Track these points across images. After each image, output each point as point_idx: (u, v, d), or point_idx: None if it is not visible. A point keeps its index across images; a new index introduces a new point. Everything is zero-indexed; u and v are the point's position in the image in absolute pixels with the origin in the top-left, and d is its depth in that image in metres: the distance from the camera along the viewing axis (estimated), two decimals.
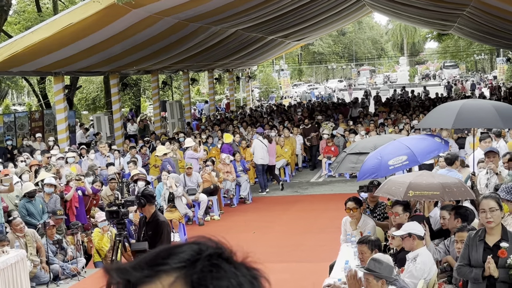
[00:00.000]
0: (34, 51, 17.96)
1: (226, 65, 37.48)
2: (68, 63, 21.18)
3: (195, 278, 1.20)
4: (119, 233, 8.66)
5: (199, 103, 52.39)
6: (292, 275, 11.12)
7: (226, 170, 18.96)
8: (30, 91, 49.27)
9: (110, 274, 1.23)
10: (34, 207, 13.25)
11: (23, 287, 10.63)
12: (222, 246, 1.27)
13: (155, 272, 1.21)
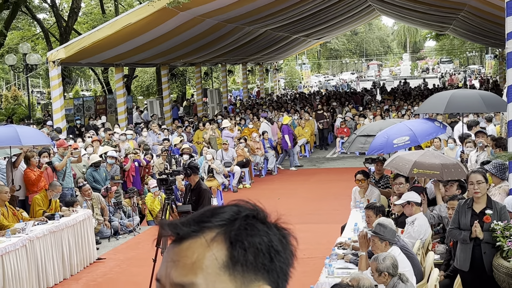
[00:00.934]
0: (99, 46, 18.07)
1: (257, 59, 37.36)
2: (127, 56, 21.28)
3: (232, 234, 1.20)
4: (168, 197, 8.72)
5: (234, 91, 52.35)
6: (311, 234, 11.15)
7: (256, 147, 19.00)
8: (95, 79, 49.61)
9: (164, 228, 1.24)
10: (99, 175, 13.39)
11: (89, 240, 10.76)
12: (257, 209, 1.27)
13: (200, 228, 1.21)
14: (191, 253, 1.19)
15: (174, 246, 1.22)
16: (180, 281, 1.17)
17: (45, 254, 9.39)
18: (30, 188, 11.54)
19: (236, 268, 1.19)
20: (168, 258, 1.22)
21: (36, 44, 38.48)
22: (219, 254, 1.19)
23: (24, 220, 9.74)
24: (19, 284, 8.61)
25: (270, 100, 35.65)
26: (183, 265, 1.19)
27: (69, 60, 18.63)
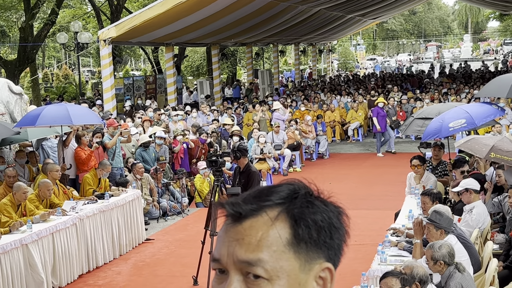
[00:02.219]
0: (149, 25, 18.27)
1: (310, 40, 37.09)
2: (177, 35, 21.45)
3: (296, 212, 1.23)
4: (217, 179, 8.81)
5: (286, 72, 52.20)
6: (363, 220, 11.09)
7: (308, 130, 18.97)
8: (145, 58, 50.23)
9: (225, 207, 1.26)
10: (148, 155, 13.61)
11: (138, 221, 10.98)
12: (312, 187, 1.30)
13: (260, 206, 1.24)
14: (255, 231, 1.22)
15: (234, 225, 1.24)
16: (247, 258, 1.21)
17: (94, 233, 9.65)
18: (81, 167, 11.83)
19: (300, 245, 1.22)
20: (229, 238, 1.24)
21: (87, 22, 39.19)
22: (283, 232, 1.22)
23: (75, 199, 10.01)
24: (69, 262, 8.88)
25: (322, 82, 35.42)
26: (248, 242, 1.21)
27: (119, 39, 18.90)
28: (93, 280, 9.13)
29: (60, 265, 8.69)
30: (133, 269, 9.68)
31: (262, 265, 1.20)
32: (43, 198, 9.41)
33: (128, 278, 9.24)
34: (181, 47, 31.66)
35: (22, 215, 8.84)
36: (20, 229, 8.26)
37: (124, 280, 9.16)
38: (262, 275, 1.20)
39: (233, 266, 1.22)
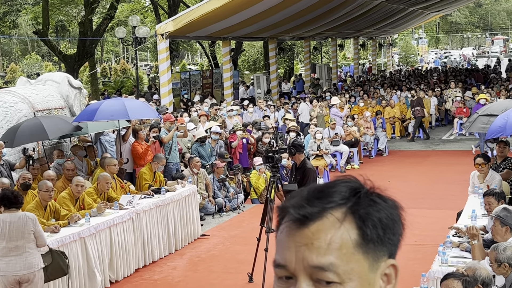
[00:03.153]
0: (207, 19, 18.44)
1: (370, 33, 36.69)
2: (234, 29, 21.58)
3: (362, 212, 1.23)
4: (273, 175, 8.83)
5: (345, 66, 51.80)
6: (423, 219, 10.91)
7: (366, 126, 18.80)
8: (202, 53, 50.70)
9: (290, 211, 1.24)
10: (204, 151, 13.75)
11: (194, 215, 11.12)
12: (368, 184, 1.30)
13: (324, 208, 1.22)
14: (323, 234, 1.21)
15: (299, 229, 1.22)
16: (319, 263, 1.19)
17: (151, 227, 9.82)
18: (138, 161, 12.06)
19: (369, 245, 1.22)
20: (296, 242, 1.22)
21: (145, 17, 39.84)
22: (351, 233, 1.21)
23: (132, 193, 10.21)
24: (125, 256, 9.08)
25: (382, 76, 35.00)
26: (318, 247, 1.20)
27: (177, 33, 19.15)
28: (149, 275, 9.31)
29: (117, 258, 8.90)
30: (188, 265, 9.81)
31: (334, 269, 1.19)
32: (101, 191, 9.64)
33: (183, 274, 9.37)
34: (238, 41, 31.81)
35: (80, 209, 9.08)
36: (78, 223, 8.49)
37: (180, 275, 9.30)
38: (334, 280, 1.19)
39: (303, 272, 1.21)
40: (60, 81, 12.46)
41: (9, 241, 6.75)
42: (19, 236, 6.79)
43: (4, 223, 6.76)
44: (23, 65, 44.45)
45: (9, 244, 6.75)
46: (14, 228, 6.76)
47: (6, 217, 6.82)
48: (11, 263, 6.77)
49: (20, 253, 6.82)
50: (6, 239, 6.73)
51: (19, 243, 6.80)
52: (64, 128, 10.92)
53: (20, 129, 10.18)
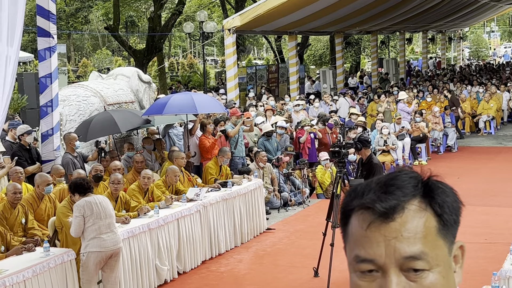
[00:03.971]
0: (273, 14, 18.46)
1: (440, 27, 35.89)
2: (301, 24, 21.53)
3: (438, 199, 1.28)
4: (340, 170, 8.79)
5: (413, 61, 50.89)
6: (494, 217, 10.64)
7: (434, 121, 18.45)
8: (268, 47, 50.78)
9: (375, 206, 1.27)
10: (270, 145, 13.80)
11: (259, 209, 11.19)
12: (425, 172, 1.33)
13: (402, 200, 1.26)
14: (409, 225, 1.25)
15: (384, 223, 1.26)
16: (411, 253, 1.24)
17: (217, 220, 9.96)
18: (205, 155, 12.23)
19: (447, 230, 1.28)
20: (383, 236, 1.25)
21: (212, 12, 40.23)
22: (432, 221, 1.27)
23: (199, 186, 10.37)
24: (193, 248, 9.24)
25: (452, 71, 34.21)
26: (407, 237, 1.24)
27: (244, 28, 19.26)
28: (216, 267, 9.44)
29: (185, 250, 9.06)
30: (254, 258, 9.89)
31: (425, 257, 1.24)
32: (170, 184, 9.83)
33: (249, 267, 9.46)
34: (304, 36, 31.71)
35: (149, 201, 9.30)
36: (148, 214, 8.69)
37: (246, 268, 9.39)
38: (424, 267, 1.24)
39: (394, 264, 1.24)
40: (130, 76, 12.76)
41: (104, 219, 7.22)
42: (108, 214, 7.27)
43: (95, 204, 7.20)
44: (94, 60, 45.66)
45: (104, 222, 7.21)
46: (103, 207, 7.24)
47: (93, 199, 7.26)
48: (108, 239, 7.24)
49: (112, 229, 7.32)
50: (101, 217, 7.18)
51: (109, 220, 7.29)
52: (134, 122, 11.20)
53: (93, 124, 10.50)
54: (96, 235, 7.18)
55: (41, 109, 10.24)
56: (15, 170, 9.00)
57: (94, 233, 7.17)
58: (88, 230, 7.19)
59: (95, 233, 7.18)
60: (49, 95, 10.04)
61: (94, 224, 7.16)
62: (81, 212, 7.13)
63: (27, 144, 10.22)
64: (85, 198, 7.24)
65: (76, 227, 7.20)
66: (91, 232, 7.18)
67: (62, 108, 10.84)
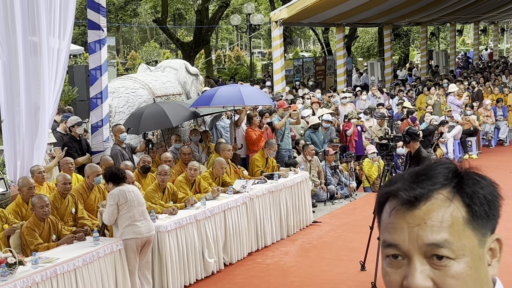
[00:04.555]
0: (321, 5, 18.36)
1: (492, 17, 35.06)
2: (349, 15, 21.34)
3: (468, 190, 1.29)
4: (387, 164, 8.70)
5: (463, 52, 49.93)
6: None
7: (486, 114, 18.08)
8: (315, 40, 50.51)
9: (399, 194, 1.30)
10: (317, 137, 13.75)
11: (306, 202, 11.17)
12: (464, 165, 1.34)
13: (431, 188, 1.29)
14: (435, 214, 1.27)
15: (409, 210, 1.29)
16: (434, 241, 1.26)
17: (263, 212, 9.98)
18: (251, 147, 12.26)
19: (477, 222, 1.28)
20: (407, 223, 1.28)
21: (259, 4, 40.24)
22: (461, 211, 1.28)
23: (245, 178, 10.41)
24: (239, 239, 9.28)
25: (504, 63, 33.43)
26: (431, 225, 1.27)
27: (291, 20, 19.20)
28: (262, 259, 9.47)
29: (231, 242, 9.12)
30: (300, 250, 9.89)
31: (448, 246, 1.26)
32: (216, 176, 9.90)
33: (295, 259, 9.47)
34: (352, 28, 31.46)
35: (196, 192, 9.39)
36: (195, 206, 8.77)
37: (292, 260, 9.40)
38: (448, 255, 1.26)
39: (417, 251, 1.27)
40: (178, 68, 12.87)
41: (137, 206, 7.44)
42: (140, 202, 7.51)
43: (129, 192, 7.42)
44: (142, 52, 46.20)
45: (137, 209, 7.43)
46: (136, 195, 7.46)
47: (126, 188, 7.50)
48: (142, 226, 7.45)
49: (145, 217, 7.55)
50: (134, 204, 7.40)
51: (142, 208, 7.52)
52: (185, 115, 11.28)
53: (144, 116, 10.63)
54: (131, 223, 7.39)
55: (91, 101, 10.44)
56: (65, 161, 9.23)
57: (128, 221, 7.38)
58: (123, 218, 7.40)
59: (130, 221, 7.38)
60: (98, 87, 10.23)
61: (128, 211, 7.37)
62: (115, 201, 7.35)
63: (77, 136, 10.45)
64: (119, 187, 7.46)
65: (109, 215, 7.43)
66: (125, 220, 7.39)
67: (112, 100, 11.01)
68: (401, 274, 1.29)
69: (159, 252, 7.90)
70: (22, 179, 8.04)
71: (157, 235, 7.86)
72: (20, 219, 7.64)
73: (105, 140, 10.35)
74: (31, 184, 7.94)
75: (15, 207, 7.84)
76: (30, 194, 7.74)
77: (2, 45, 8.76)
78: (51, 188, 8.77)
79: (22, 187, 7.89)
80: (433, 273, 1.26)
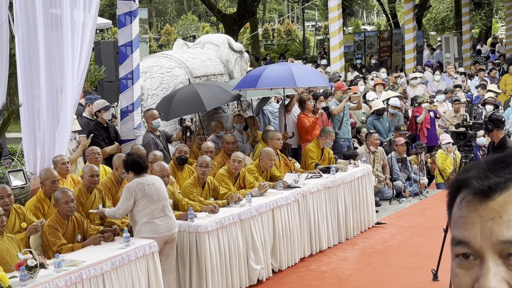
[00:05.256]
0: None
1: None
2: None
3: None
4: (465, 156, 8.60)
5: None
6: None
7: None
8: (379, 10, 50.08)
9: (470, 182, 1.28)
10: (381, 125, 13.67)
11: (368, 200, 11.13)
12: None
13: (509, 177, 1.25)
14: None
15: (482, 202, 1.26)
16: (510, 237, 1.23)
17: (318, 212, 9.98)
18: (304, 135, 12.25)
19: None
20: (479, 217, 1.26)
21: None
22: None
23: (297, 172, 10.41)
24: (290, 242, 9.30)
25: None
26: (507, 220, 1.24)
27: None
28: (316, 265, 9.48)
29: (280, 245, 9.14)
30: (361, 256, 9.87)
31: None
32: (264, 169, 9.93)
33: (355, 266, 9.45)
34: None
35: (240, 187, 9.43)
36: (239, 203, 8.82)
37: (351, 267, 9.39)
38: None
39: (491, 249, 1.24)
40: (220, 44, 12.93)
41: (157, 202, 7.52)
42: (161, 197, 7.58)
43: (148, 186, 7.51)
44: (178, 26, 46.58)
45: (157, 205, 7.52)
46: (156, 189, 7.55)
47: (146, 180, 7.58)
48: (162, 223, 7.54)
49: (167, 213, 7.62)
50: (153, 199, 7.49)
51: (163, 203, 7.60)
52: (223, 98, 11.36)
53: (175, 100, 10.73)
54: (149, 220, 7.48)
55: (121, 82, 10.58)
56: (92, 150, 9.36)
57: (146, 218, 7.48)
58: (140, 214, 7.51)
59: (147, 218, 7.48)
60: (129, 66, 10.36)
61: (146, 207, 7.46)
62: (132, 196, 7.47)
63: (104, 122, 10.59)
64: (138, 179, 7.55)
65: (124, 211, 7.59)
66: (143, 216, 7.50)
67: (144, 81, 11.15)
68: (472, 277, 1.27)
69: (197, 256, 7.97)
70: (44, 171, 8.17)
71: (195, 237, 7.94)
72: (42, 216, 7.79)
73: (136, 127, 10.49)
74: (55, 177, 8.05)
75: (36, 203, 7.99)
76: (54, 188, 7.86)
77: (20, 18, 8.93)
78: (75, 181, 8.94)
79: (45, 180, 8.01)
80: (509, 276, 1.23)
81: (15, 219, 7.48)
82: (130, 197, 7.48)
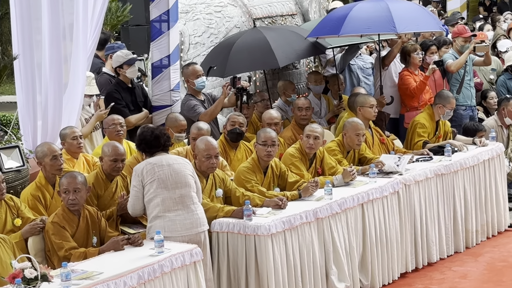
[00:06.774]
0: None
1: None
2: None
3: None
4: None
5: None
6: None
7: None
8: None
9: None
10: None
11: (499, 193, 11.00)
12: None
13: None
14: None
15: None
16: None
17: (426, 208, 9.89)
18: (408, 101, 12.15)
19: None
20: None
21: None
22: None
23: (397, 152, 10.31)
24: (385, 251, 9.24)
25: None
26: None
27: None
28: (423, 284, 9.45)
29: (372, 254, 9.09)
30: (486, 271, 9.82)
31: None
32: (349, 148, 9.87)
33: (478, 285, 9.39)
34: None
35: (317, 174, 9.37)
36: (314, 195, 8.76)
37: (474, 286, 9.32)
38: None
39: None
40: None
41: (173, 190, 7.49)
42: (182, 183, 7.52)
43: (161, 166, 7.50)
44: None
45: (172, 194, 7.48)
46: (174, 172, 7.51)
47: (160, 159, 7.55)
48: (178, 219, 7.46)
49: (188, 205, 7.53)
50: (169, 186, 7.48)
51: (184, 191, 7.53)
52: (300, 51, 11.25)
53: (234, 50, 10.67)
54: (159, 213, 7.45)
55: (152, 25, 10.56)
56: (112, 121, 9.41)
57: (157, 209, 7.46)
58: (150, 205, 7.50)
59: (158, 209, 7.45)
60: (164, 4, 10.34)
61: (156, 195, 7.45)
62: (139, 179, 7.48)
63: (128, 81, 10.61)
64: (149, 160, 7.54)
65: (133, 201, 7.59)
66: (153, 208, 7.48)
67: (184, 25, 11.18)
68: None
69: (256, 265, 7.94)
70: (41, 146, 8.20)
71: (254, 241, 7.93)
72: (43, 209, 7.82)
73: (174, 89, 10.51)
74: (55, 151, 8.06)
75: (35, 191, 8.01)
76: (56, 168, 7.92)
77: None
78: (90, 163, 8.98)
79: (43, 158, 8.01)
80: None
81: (5, 213, 7.50)
82: (137, 183, 7.50)
